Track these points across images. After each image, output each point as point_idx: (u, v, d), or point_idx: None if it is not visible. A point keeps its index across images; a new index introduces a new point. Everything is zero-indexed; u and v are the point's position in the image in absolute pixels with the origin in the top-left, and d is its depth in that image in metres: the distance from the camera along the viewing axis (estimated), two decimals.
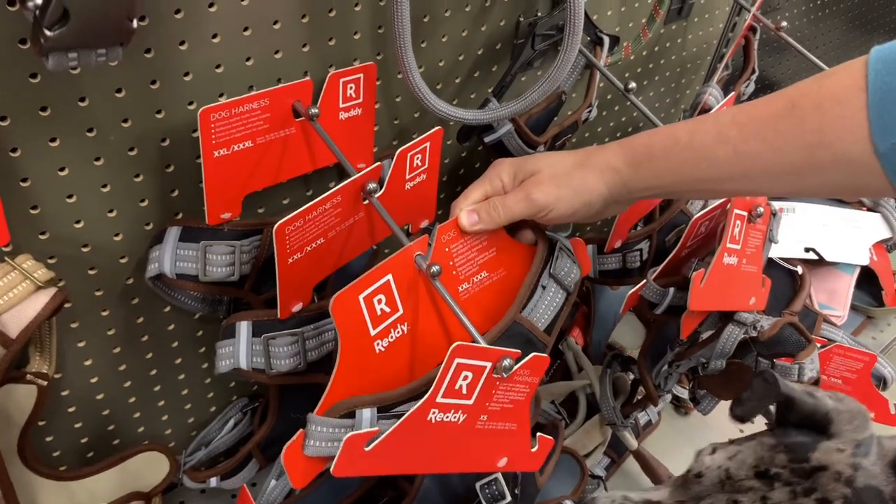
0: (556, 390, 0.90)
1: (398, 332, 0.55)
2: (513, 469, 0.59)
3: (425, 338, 0.57)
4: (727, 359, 0.73)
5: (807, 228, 1.14)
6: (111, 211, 0.60)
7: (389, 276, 0.55)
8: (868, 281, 1.21)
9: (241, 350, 0.60)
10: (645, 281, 0.68)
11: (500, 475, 0.67)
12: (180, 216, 0.64)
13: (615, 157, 0.56)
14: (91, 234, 0.60)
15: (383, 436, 0.47)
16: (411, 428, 0.48)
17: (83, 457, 0.74)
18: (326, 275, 0.61)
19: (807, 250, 1.14)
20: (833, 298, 1.16)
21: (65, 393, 0.68)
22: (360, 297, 0.53)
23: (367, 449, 0.46)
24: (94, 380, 0.69)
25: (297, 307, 0.60)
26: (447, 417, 0.50)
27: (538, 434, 0.59)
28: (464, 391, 0.49)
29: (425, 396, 0.47)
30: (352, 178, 0.56)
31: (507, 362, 0.50)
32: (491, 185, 0.60)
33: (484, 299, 0.61)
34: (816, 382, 0.74)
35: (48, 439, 0.70)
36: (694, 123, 0.54)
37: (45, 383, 0.61)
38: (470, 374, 0.49)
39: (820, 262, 1.16)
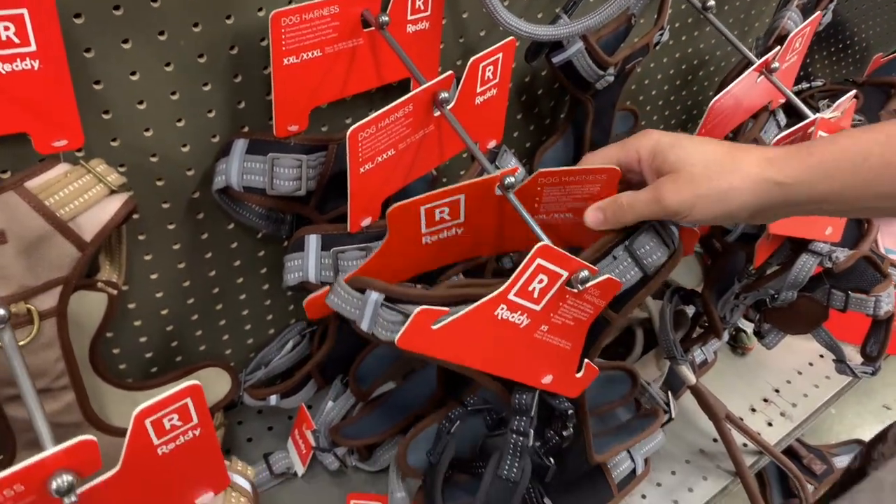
0: None
1: (451, 233, 0.57)
2: (555, 389, 0.58)
3: (470, 239, 0.59)
4: (798, 291, 0.71)
5: None
6: (179, 120, 0.59)
7: (462, 196, 0.54)
8: None
9: (309, 263, 0.60)
10: None
11: (538, 391, 0.65)
12: (246, 130, 0.64)
13: (778, 169, 0.49)
14: (159, 143, 0.59)
15: (451, 318, 0.47)
16: (478, 318, 0.47)
17: (147, 372, 0.76)
18: (395, 190, 0.60)
19: None
20: None
21: (131, 306, 0.69)
22: (422, 208, 0.54)
23: (433, 327, 0.46)
24: (159, 294, 0.70)
25: (366, 221, 0.59)
26: (513, 318, 0.49)
27: (586, 360, 0.58)
28: (535, 295, 0.49)
29: (499, 290, 0.46)
30: (424, 86, 0.54)
31: (584, 274, 0.49)
32: (626, 154, 0.54)
33: (557, 231, 0.59)
34: (892, 317, 0.72)
35: (115, 352, 0.72)
36: (884, 135, 0.48)
37: (115, 292, 0.61)
38: (545, 279, 0.48)
39: None
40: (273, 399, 0.77)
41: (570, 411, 0.58)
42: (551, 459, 0.56)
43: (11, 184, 0.50)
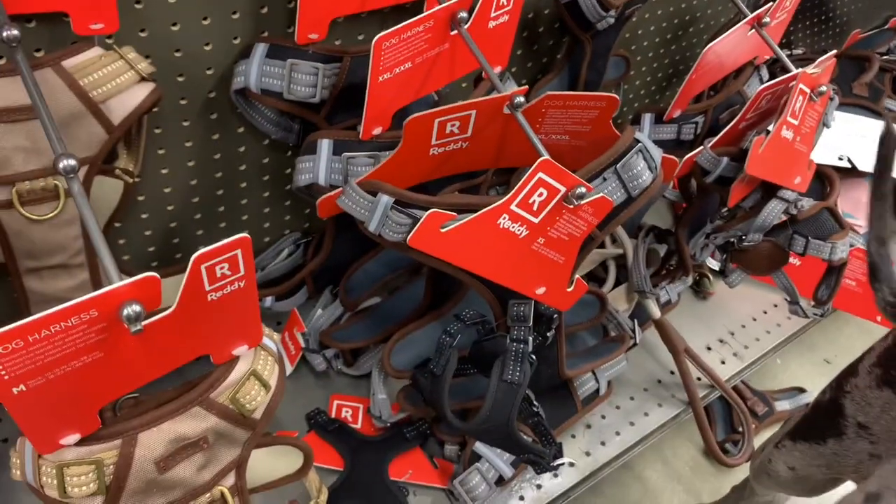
0: (590, 257, 0.95)
1: (457, 146, 0.61)
2: (547, 301, 0.63)
3: (472, 153, 0.63)
4: (763, 235, 0.77)
5: (844, 137, 1.16)
6: (205, 18, 0.62)
7: (473, 112, 0.58)
8: (893, 197, 1.24)
9: (320, 166, 0.63)
10: (702, 147, 0.71)
11: (533, 302, 0.70)
12: (266, 34, 0.66)
13: None
14: (184, 39, 0.62)
15: (458, 223, 0.51)
16: (482, 225, 0.52)
17: (148, 265, 0.79)
18: (407, 102, 0.63)
19: (840, 158, 1.16)
20: (858, 208, 1.19)
21: (141, 198, 0.72)
22: (437, 121, 0.58)
23: (442, 230, 0.51)
24: (167, 189, 0.73)
25: (377, 130, 0.63)
26: (513, 227, 0.54)
27: (577, 276, 0.64)
28: (535, 207, 0.54)
29: (503, 199, 0.51)
30: (445, 4, 0.57)
31: (580, 190, 0.54)
32: None
33: (552, 152, 0.64)
34: (845, 264, 0.78)
35: (121, 242, 0.75)
36: None
37: (130, 180, 0.64)
38: (545, 193, 0.53)
39: (850, 172, 1.19)
40: (268, 301, 0.81)
41: (555, 315, 0.63)
42: (534, 357, 0.62)
43: (49, 60, 0.52)
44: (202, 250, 0.37)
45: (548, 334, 0.68)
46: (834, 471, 0.72)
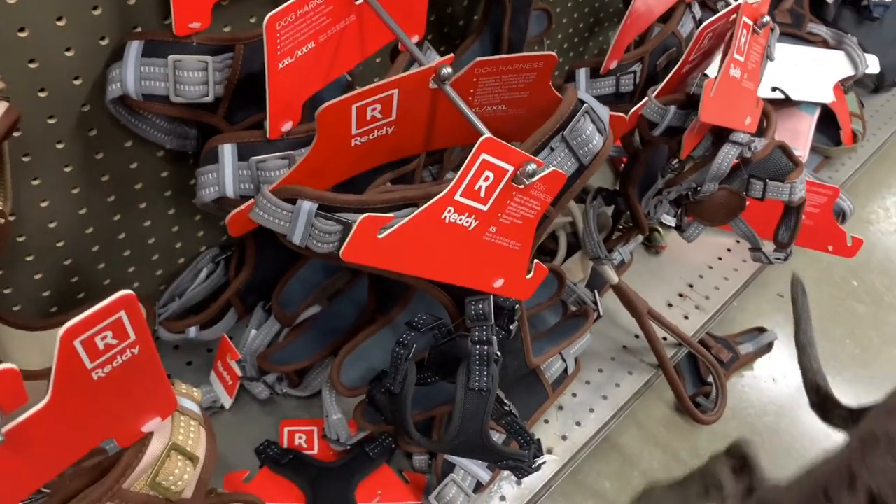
0: None
1: (382, 132, 0.54)
2: (506, 293, 0.57)
3: (400, 137, 0.56)
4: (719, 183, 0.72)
5: (773, 67, 1.13)
6: (59, 19, 0.52)
7: (395, 91, 0.51)
8: (825, 123, 1.23)
9: (226, 176, 0.55)
10: (647, 98, 0.65)
11: (492, 297, 0.64)
12: (139, 30, 0.56)
13: None
14: (37, 46, 0.52)
15: (397, 225, 0.44)
16: (425, 223, 0.45)
17: (46, 312, 0.69)
18: (317, 89, 0.55)
19: (773, 90, 1.13)
20: (795, 138, 1.17)
21: (21, 238, 0.62)
22: (354, 106, 0.50)
23: (379, 237, 0.44)
24: (52, 224, 0.63)
25: (286, 126, 0.54)
26: (460, 220, 0.47)
27: (535, 261, 0.58)
28: (482, 194, 0.47)
29: (446, 190, 0.44)
30: None
31: (530, 167, 0.47)
32: None
33: (490, 126, 0.57)
34: (804, 203, 0.74)
35: (7, 292, 0.64)
36: None
37: (2, 220, 0.54)
38: (491, 176, 0.46)
39: (783, 103, 1.17)
40: (192, 331, 0.72)
41: (516, 306, 0.57)
42: (499, 354, 0.55)
43: None
44: (69, 323, 0.28)
45: (510, 327, 0.61)
46: None
